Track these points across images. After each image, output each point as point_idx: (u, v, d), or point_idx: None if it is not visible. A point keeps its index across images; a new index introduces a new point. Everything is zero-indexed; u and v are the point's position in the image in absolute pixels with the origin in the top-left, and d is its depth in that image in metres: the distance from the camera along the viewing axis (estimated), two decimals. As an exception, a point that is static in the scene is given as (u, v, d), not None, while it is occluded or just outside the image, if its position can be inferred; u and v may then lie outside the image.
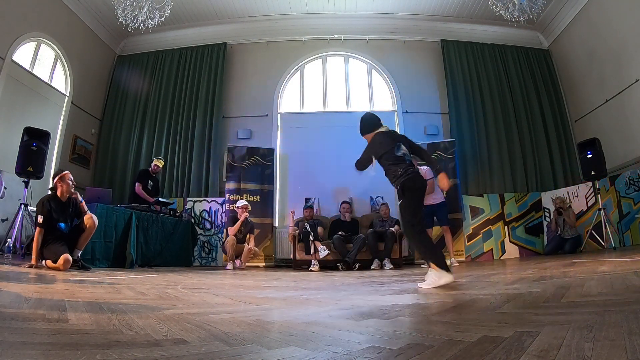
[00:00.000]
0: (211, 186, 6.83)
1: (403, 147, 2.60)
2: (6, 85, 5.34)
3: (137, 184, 5.64)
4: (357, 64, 7.67)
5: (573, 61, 6.99)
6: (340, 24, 7.50)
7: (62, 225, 3.53)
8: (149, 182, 5.74)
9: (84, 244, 3.67)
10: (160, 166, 5.92)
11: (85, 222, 3.59)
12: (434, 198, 5.18)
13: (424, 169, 5.27)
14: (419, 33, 7.52)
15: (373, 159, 2.61)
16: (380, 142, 2.61)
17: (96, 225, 3.69)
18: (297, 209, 6.11)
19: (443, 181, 2.58)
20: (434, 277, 2.23)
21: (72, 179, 3.67)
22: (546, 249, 5.82)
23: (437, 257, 2.32)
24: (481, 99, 7.15)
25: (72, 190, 3.63)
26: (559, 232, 5.65)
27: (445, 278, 2.20)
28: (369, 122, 2.74)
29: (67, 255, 3.25)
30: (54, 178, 3.66)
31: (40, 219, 3.40)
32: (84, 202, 3.71)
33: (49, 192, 3.65)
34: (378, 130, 2.68)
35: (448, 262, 5.16)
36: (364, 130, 2.76)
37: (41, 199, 3.56)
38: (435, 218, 5.25)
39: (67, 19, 6.43)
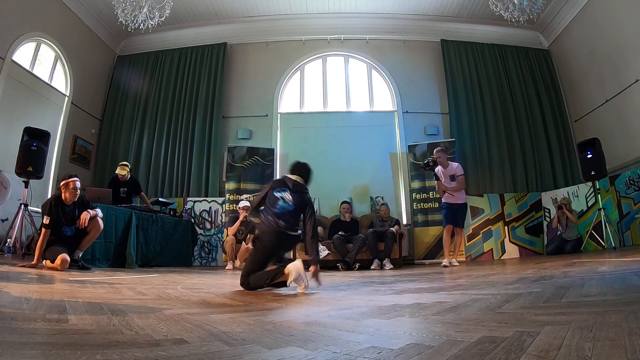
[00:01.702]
0: (211, 186, 6.83)
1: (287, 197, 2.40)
2: (6, 85, 5.34)
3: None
4: (357, 64, 7.67)
5: (573, 61, 6.99)
6: (340, 24, 7.50)
7: (66, 229, 3.52)
8: (121, 189, 5.42)
9: (87, 245, 3.67)
10: (124, 173, 5.43)
11: (89, 226, 3.57)
12: (457, 197, 4.93)
13: (454, 165, 5.07)
14: (419, 33, 7.52)
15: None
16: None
17: (101, 230, 3.68)
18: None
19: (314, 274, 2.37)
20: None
21: (78, 186, 3.56)
22: (547, 249, 5.82)
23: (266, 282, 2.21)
24: (481, 99, 7.15)
25: (76, 199, 3.58)
26: (559, 232, 5.64)
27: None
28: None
29: (65, 255, 3.24)
30: (60, 181, 3.60)
31: (46, 220, 3.38)
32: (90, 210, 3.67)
33: (56, 192, 3.62)
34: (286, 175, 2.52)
35: (446, 262, 4.84)
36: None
37: (48, 200, 3.55)
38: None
39: (67, 19, 6.43)
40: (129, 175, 5.59)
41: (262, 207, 2.45)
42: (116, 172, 5.48)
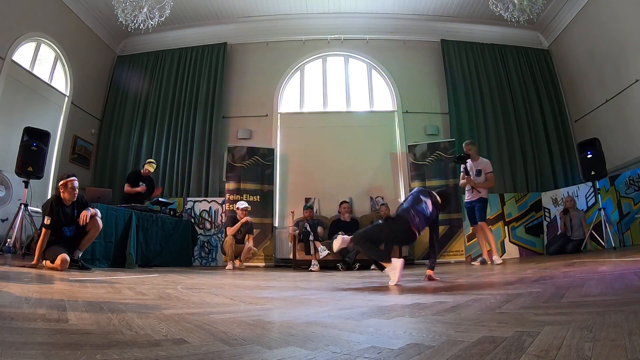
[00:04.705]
0: (211, 186, 6.83)
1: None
2: (6, 85, 5.34)
3: (126, 185, 5.66)
4: (357, 64, 7.67)
5: (573, 61, 6.99)
6: (340, 24, 7.50)
7: (66, 229, 3.52)
8: (140, 183, 5.66)
9: (86, 245, 3.66)
10: (152, 170, 5.80)
11: (88, 226, 3.57)
12: (476, 193, 4.97)
13: (485, 161, 5.12)
14: (419, 33, 7.52)
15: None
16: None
17: (100, 229, 3.68)
18: (297, 209, 6.11)
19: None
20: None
21: (77, 185, 3.57)
22: (550, 248, 5.81)
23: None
24: (481, 99, 7.15)
25: (75, 198, 3.58)
26: (563, 231, 5.64)
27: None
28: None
29: (65, 255, 3.24)
30: (59, 181, 3.60)
31: (47, 220, 3.37)
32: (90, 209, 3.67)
33: (55, 193, 3.61)
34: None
35: (478, 262, 4.74)
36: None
37: (49, 200, 3.55)
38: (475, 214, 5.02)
39: (67, 19, 6.43)
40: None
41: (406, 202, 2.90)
42: (145, 167, 5.73)
